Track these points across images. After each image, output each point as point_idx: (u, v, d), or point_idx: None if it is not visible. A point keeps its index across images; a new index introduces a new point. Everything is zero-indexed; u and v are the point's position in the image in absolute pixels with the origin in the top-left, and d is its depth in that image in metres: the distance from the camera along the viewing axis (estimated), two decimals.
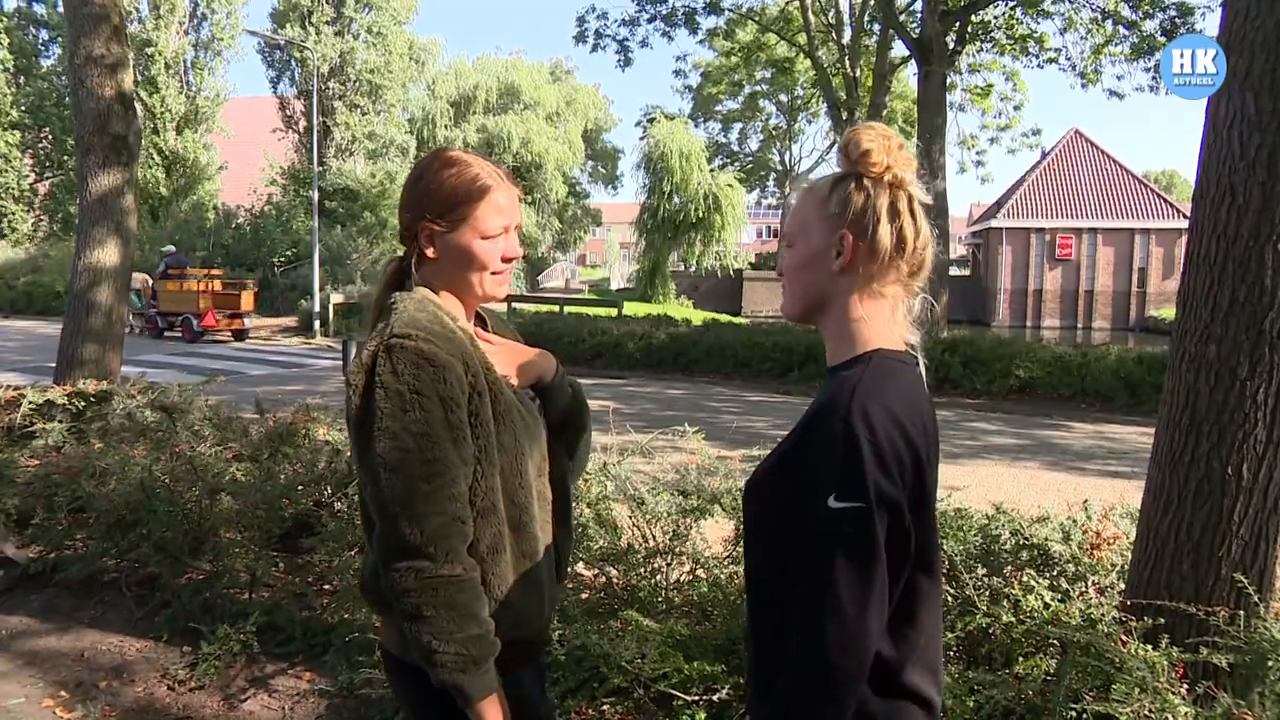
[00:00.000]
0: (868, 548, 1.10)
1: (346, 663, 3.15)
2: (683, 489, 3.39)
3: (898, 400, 1.17)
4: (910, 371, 1.26)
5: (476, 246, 1.47)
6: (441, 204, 1.46)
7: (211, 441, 4.55)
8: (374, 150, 30.59)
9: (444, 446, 1.34)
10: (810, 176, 37.80)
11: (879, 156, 1.24)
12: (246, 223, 27.99)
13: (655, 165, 34.54)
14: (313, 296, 20.00)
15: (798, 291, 1.31)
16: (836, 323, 1.28)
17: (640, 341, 14.66)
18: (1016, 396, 11.82)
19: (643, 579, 3.22)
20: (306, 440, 4.68)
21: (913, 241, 1.27)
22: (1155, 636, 2.35)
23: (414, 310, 1.40)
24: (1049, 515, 3.13)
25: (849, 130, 1.28)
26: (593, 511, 3.38)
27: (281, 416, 4.98)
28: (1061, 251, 38.59)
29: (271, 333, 20.52)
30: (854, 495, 1.10)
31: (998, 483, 7.24)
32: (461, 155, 1.50)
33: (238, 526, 3.84)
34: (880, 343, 1.25)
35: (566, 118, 41.91)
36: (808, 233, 1.29)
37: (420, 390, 1.33)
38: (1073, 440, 9.51)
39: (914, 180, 1.27)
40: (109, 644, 3.63)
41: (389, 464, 1.32)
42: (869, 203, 1.25)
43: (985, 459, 8.38)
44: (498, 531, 1.42)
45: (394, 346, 1.34)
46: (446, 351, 1.36)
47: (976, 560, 2.86)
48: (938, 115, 14.64)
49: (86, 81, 6.32)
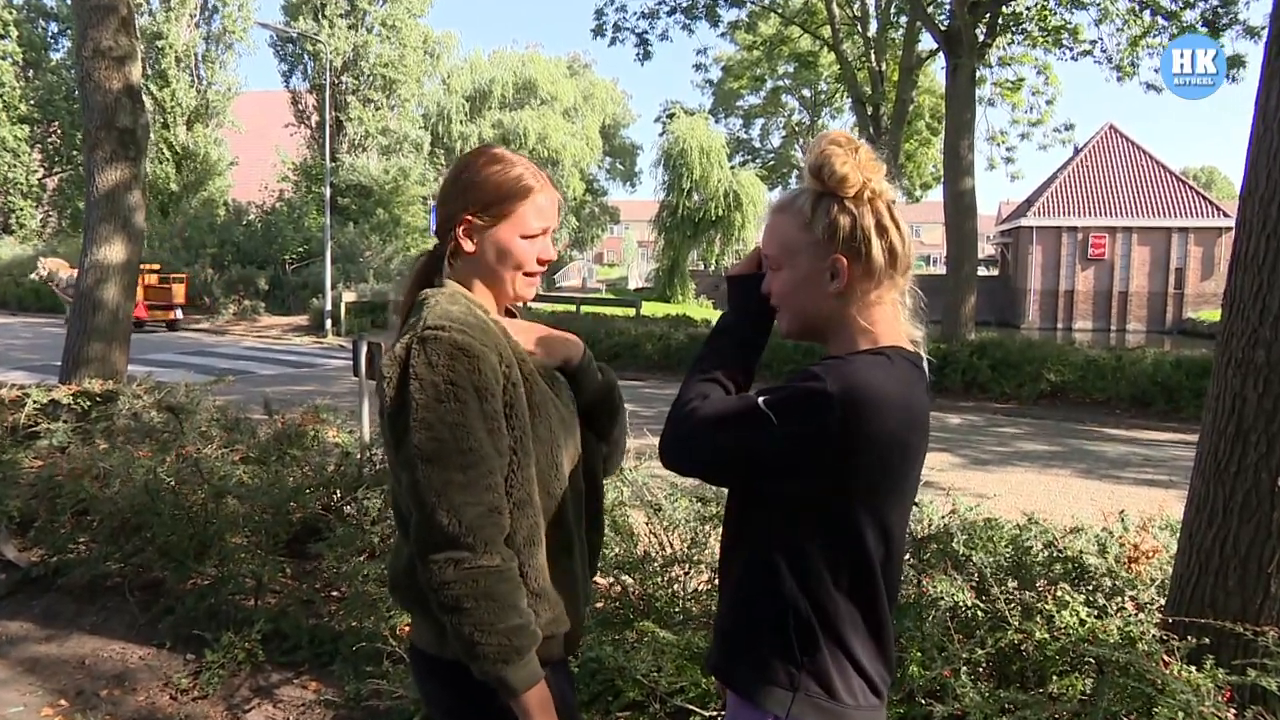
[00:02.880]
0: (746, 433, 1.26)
1: (354, 672, 3.13)
2: (701, 495, 3.38)
3: (893, 389, 1.24)
4: (919, 373, 1.32)
5: (515, 245, 1.51)
6: (485, 199, 1.50)
7: (218, 443, 4.56)
8: (388, 146, 30.68)
9: (479, 437, 1.37)
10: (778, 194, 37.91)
11: (855, 176, 1.29)
12: (258, 219, 28.13)
13: (674, 162, 34.54)
14: (324, 295, 20.14)
15: (794, 314, 1.37)
16: (839, 335, 1.34)
17: (659, 342, 14.68)
18: (1047, 401, 11.71)
19: (659, 588, 3.19)
20: (316, 442, 4.68)
21: (903, 250, 1.32)
22: (1200, 657, 2.29)
23: (446, 303, 1.44)
24: (1083, 526, 3.08)
25: (816, 150, 1.31)
26: (609, 518, 3.36)
27: (290, 417, 4.99)
28: (1094, 251, 38.19)
29: (283, 331, 20.66)
30: (774, 408, 1.23)
31: (1028, 491, 7.17)
32: (507, 154, 1.54)
33: (244, 531, 3.84)
34: (890, 340, 1.31)
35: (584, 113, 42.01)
36: (795, 257, 1.34)
37: (455, 381, 1.36)
38: (1107, 447, 9.40)
39: (887, 186, 1.31)
40: (111, 651, 3.64)
41: (425, 455, 1.35)
42: (856, 225, 1.30)
43: (1015, 466, 8.31)
44: (534, 523, 1.45)
45: (428, 338, 1.37)
46: (481, 343, 1.40)
47: (1007, 573, 2.80)
48: (966, 110, 14.50)
49: (94, 74, 6.36)
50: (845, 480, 1.25)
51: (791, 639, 1.29)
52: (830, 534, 1.28)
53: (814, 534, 1.28)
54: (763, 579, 1.32)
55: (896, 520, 1.31)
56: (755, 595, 1.33)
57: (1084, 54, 16.26)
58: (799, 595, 1.29)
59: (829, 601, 1.29)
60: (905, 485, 1.31)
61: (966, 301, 14.24)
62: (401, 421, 1.38)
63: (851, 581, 1.29)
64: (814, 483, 1.26)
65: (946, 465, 8.03)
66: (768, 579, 1.31)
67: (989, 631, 2.54)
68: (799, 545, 1.29)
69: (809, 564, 1.28)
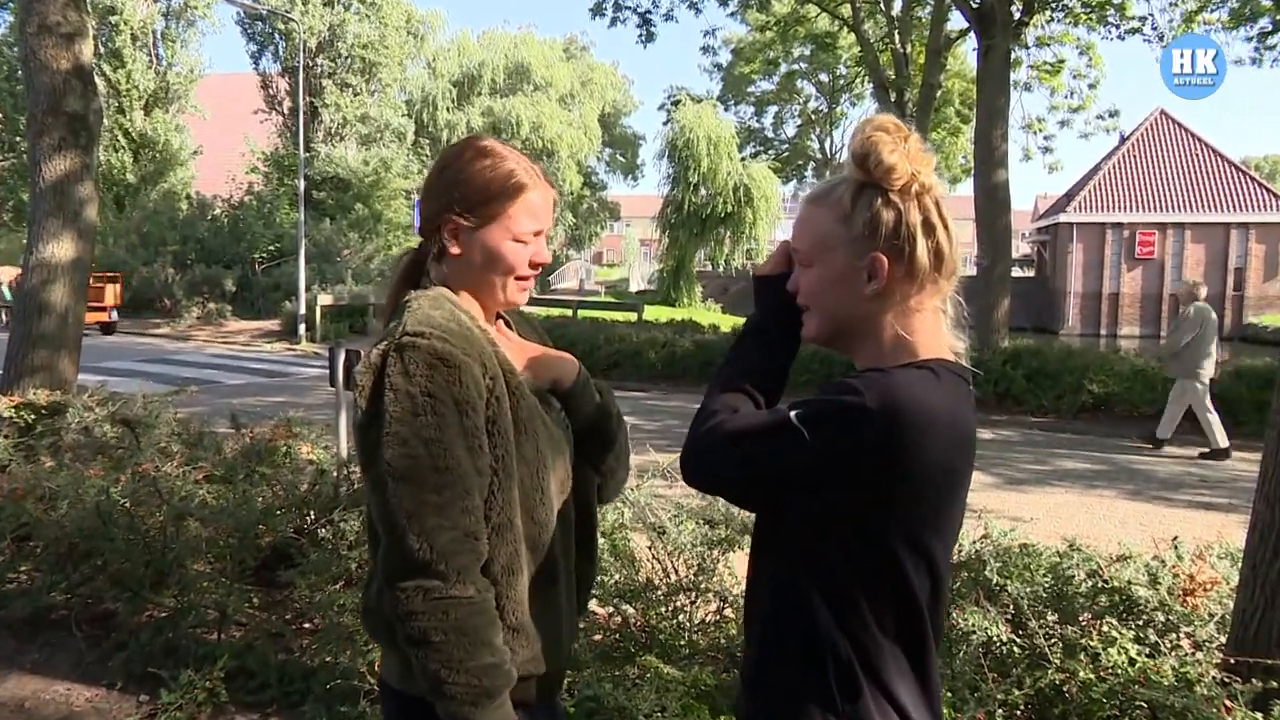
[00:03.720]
0: (776, 449, 1.23)
1: (327, 712, 3.12)
2: (709, 517, 3.37)
3: (940, 407, 1.22)
4: (966, 389, 1.29)
5: (506, 248, 1.52)
6: (472, 197, 1.50)
7: (179, 460, 4.55)
8: (367, 135, 30.85)
9: (457, 455, 1.37)
10: (814, 183, 38.01)
11: (903, 167, 1.26)
12: (224, 214, 28.24)
13: (680, 153, 34.66)
14: (298, 297, 20.16)
15: (824, 316, 1.35)
16: (874, 343, 1.32)
17: (663, 350, 14.66)
18: (1090, 415, 11.69)
19: (663, 619, 3.18)
20: (287, 459, 4.68)
21: (950, 253, 1.30)
22: (1266, 702, 2.27)
23: (428, 308, 1.45)
24: (1132, 553, 3.06)
25: (861, 136, 1.29)
26: (608, 542, 3.37)
27: (260, 431, 4.99)
28: (1142, 249, 38.17)
29: (251, 337, 20.71)
30: (806, 422, 1.21)
31: (1069, 514, 7.15)
32: (498, 147, 1.54)
33: (207, 557, 3.83)
34: (932, 353, 1.29)
35: (581, 100, 42.23)
36: (830, 253, 1.32)
37: (433, 393, 1.36)
38: (1157, 465, 9.38)
39: (936, 180, 1.30)
40: (54, 692, 3.61)
41: (397, 472, 1.35)
42: (901, 221, 1.27)
43: (1054, 486, 8.29)
44: (514, 551, 1.44)
45: (406, 345, 1.38)
46: (463, 351, 1.40)
47: (1047, 605, 2.79)
48: (1000, 96, 14.52)
49: (39, 53, 6.35)
50: (883, 507, 1.23)
51: (831, 683, 1.26)
52: (869, 567, 1.25)
53: (851, 567, 1.26)
54: (796, 616, 1.29)
55: (941, 553, 1.29)
56: (788, 633, 1.30)
57: (1132, 32, 16.28)
58: (838, 634, 1.26)
59: (871, 642, 1.26)
60: (950, 515, 1.29)
61: (999, 305, 14.22)
62: (373, 435, 1.38)
63: (895, 620, 1.27)
64: (849, 508, 1.24)
65: (978, 485, 7.90)
66: (802, 616, 1.28)
67: (1027, 670, 2.51)
68: (835, 579, 1.26)
69: (848, 599, 1.26)
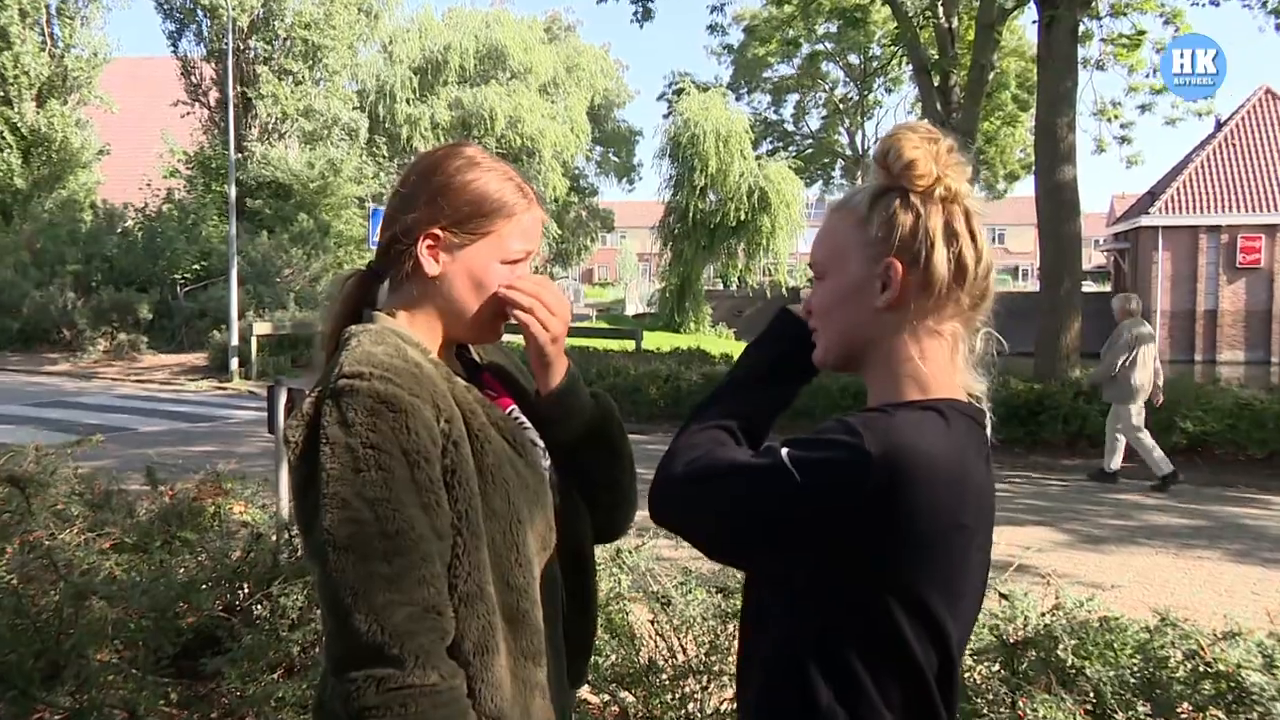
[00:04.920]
0: (763, 496, 1.29)
1: None
2: (723, 584, 3.37)
3: (948, 457, 1.28)
4: (979, 433, 1.38)
5: (493, 271, 1.57)
6: (462, 210, 1.56)
7: (81, 526, 4.53)
8: (312, 132, 30.88)
9: (410, 514, 1.38)
10: (844, 186, 38.23)
11: (926, 166, 1.35)
12: (137, 226, 28.25)
13: (684, 151, 34.89)
14: (229, 326, 20.18)
15: (834, 334, 1.44)
16: (883, 368, 1.40)
17: (666, 385, 14.70)
18: (1184, 458, 11.65)
19: (669, 709, 3.17)
20: (216, 521, 4.66)
21: (974, 267, 1.38)
22: None
23: (369, 344, 1.46)
24: (1241, 629, 3.03)
25: (886, 135, 1.41)
26: (602, 615, 3.35)
27: (182, 489, 4.97)
28: (1245, 257, 38.16)
29: (172, 374, 20.71)
30: (799, 466, 1.27)
31: (1161, 579, 7.13)
32: (490, 158, 1.63)
33: (113, 644, 3.80)
34: (944, 391, 1.37)
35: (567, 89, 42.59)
36: (843, 262, 1.42)
37: (377, 444, 1.38)
38: (1270, 521, 9.35)
39: (969, 192, 1.39)
40: None
41: (338, 540, 1.35)
42: (919, 224, 1.36)
43: (1141, 545, 8.26)
44: (487, 625, 1.45)
45: (342, 390, 1.40)
46: (410, 392, 1.42)
47: (1135, 693, 2.77)
48: (1065, 77, 14.59)
49: None
50: (882, 566, 1.28)
51: None
52: (868, 634, 1.31)
53: (849, 632, 1.31)
54: (791, 688, 1.34)
55: (952, 624, 1.33)
56: (783, 708, 1.35)
57: None
58: (838, 711, 1.31)
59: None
60: (963, 579, 1.35)
61: (1068, 327, 14.23)
62: (309, 498, 1.39)
63: (902, 697, 1.31)
64: (844, 566, 1.29)
65: (1046, 543, 7.97)
66: (800, 693, 1.33)
67: None
68: (832, 646, 1.32)
69: (848, 671, 1.31)
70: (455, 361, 1.66)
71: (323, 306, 20.08)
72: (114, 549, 4.38)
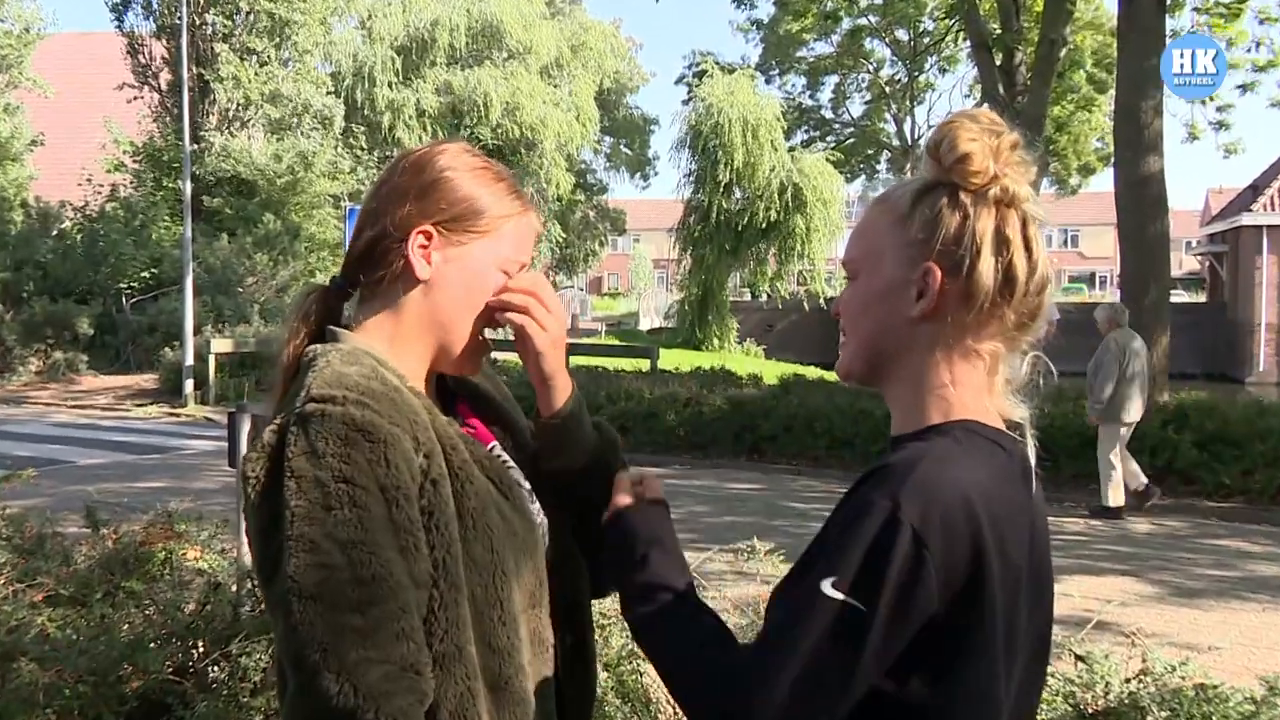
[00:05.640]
0: (846, 653, 1.23)
1: None
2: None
3: (985, 492, 1.29)
4: (1006, 459, 1.38)
5: (490, 279, 1.59)
6: (461, 207, 1.58)
7: (9, 575, 4.53)
8: (279, 120, 30.88)
9: (387, 559, 1.37)
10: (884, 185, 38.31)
11: (983, 161, 1.36)
12: (76, 228, 28.25)
13: (706, 142, 35.01)
14: (183, 343, 20.30)
15: (861, 342, 1.46)
16: (909, 386, 1.42)
17: (685, 410, 14.74)
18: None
19: None
20: (167, 569, 4.66)
21: (1025, 281, 1.38)
22: None
23: (339, 364, 1.46)
24: None
25: (943, 122, 1.42)
26: (612, 676, 3.36)
27: (128, 531, 4.96)
28: None
29: (116, 399, 20.82)
30: (859, 595, 1.22)
31: (1270, 641, 7.09)
32: (481, 155, 1.67)
33: (45, 712, 3.79)
34: (969, 414, 1.38)
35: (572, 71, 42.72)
36: (877, 262, 1.44)
37: (351, 478, 1.37)
38: None
39: (1030, 195, 1.39)
40: None
41: (305, 589, 1.34)
42: (966, 226, 1.37)
43: (1246, 600, 8.23)
44: (465, 692, 1.44)
45: (311, 416, 1.39)
46: (389, 420, 1.41)
47: None
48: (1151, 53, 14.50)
49: None
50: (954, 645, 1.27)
51: None
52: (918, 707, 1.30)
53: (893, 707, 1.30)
54: None
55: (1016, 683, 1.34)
56: None
57: None
58: None
59: None
60: (1015, 636, 1.34)
61: (1155, 343, 14.14)
62: (274, 543, 1.38)
63: None
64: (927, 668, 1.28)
65: (1131, 597, 7.95)
66: None
67: None
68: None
69: None
70: (432, 391, 1.66)
71: (283, 323, 20.55)
72: (47, 602, 4.38)
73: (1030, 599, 1.35)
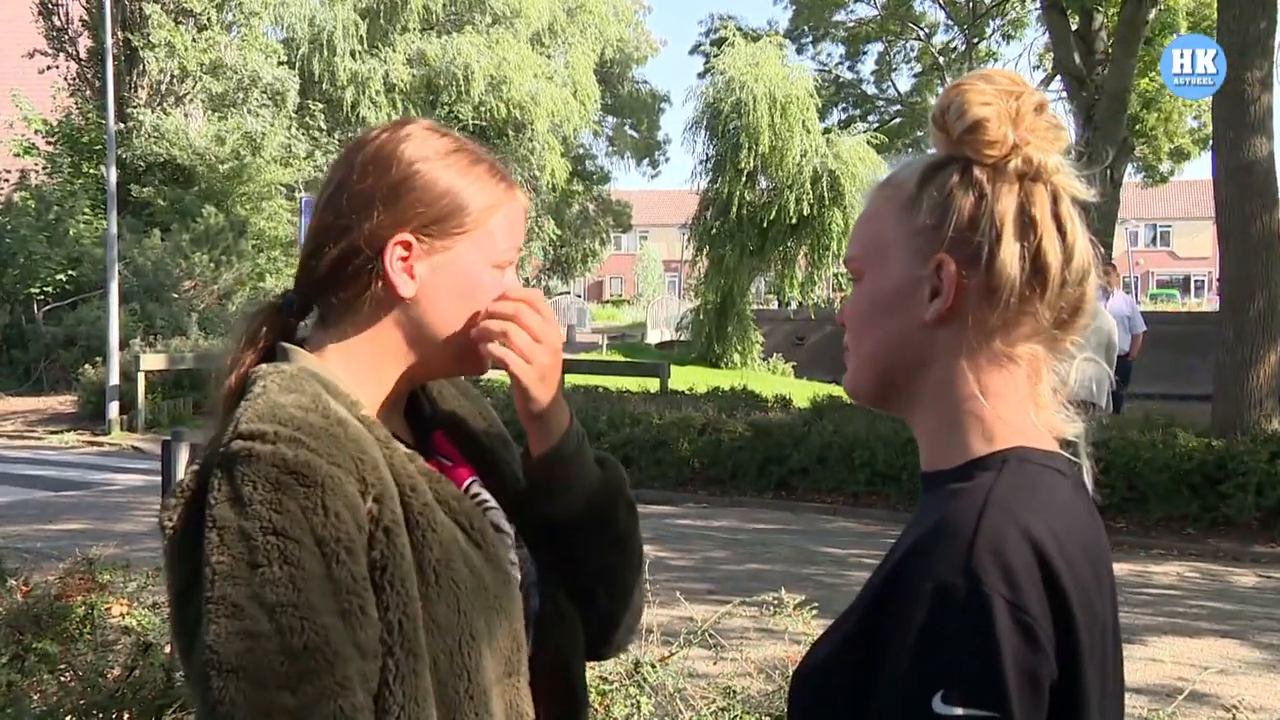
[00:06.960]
0: None
1: None
2: (776, 712, 3.37)
3: (1056, 534, 1.25)
4: (1071, 491, 1.35)
5: (485, 279, 1.60)
6: (436, 208, 1.57)
7: None
8: (222, 95, 30.96)
9: (324, 624, 1.36)
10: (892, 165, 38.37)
11: (999, 129, 1.33)
12: None
13: (726, 123, 34.99)
14: (107, 359, 20.33)
15: (868, 354, 1.43)
16: (934, 406, 1.39)
17: (701, 438, 14.76)
18: None
19: None
20: (88, 627, 4.67)
21: (1059, 269, 1.35)
22: None
23: (277, 392, 1.46)
24: None
25: (949, 86, 1.39)
26: None
27: (41, 582, 4.97)
28: None
29: (25, 424, 20.88)
30: (982, 700, 1.17)
31: None
32: (449, 133, 1.66)
33: None
34: (1017, 438, 1.34)
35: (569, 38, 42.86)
36: (883, 257, 1.41)
37: (282, 529, 1.36)
38: None
39: (1060, 166, 1.36)
40: None
41: (226, 661, 1.33)
42: (983, 207, 1.34)
43: None
44: None
45: (236, 456, 1.38)
46: (329, 459, 1.41)
47: None
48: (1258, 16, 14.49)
49: None
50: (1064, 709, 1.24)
51: None
52: None
53: None
54: None
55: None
56: None
57: None
58: None
59: None
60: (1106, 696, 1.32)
61: (1260, 361, 14.08)
62: (193, 606, 1.38)
63: None
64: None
65: (1232, 662, 7.90)
66: None
67: None
68: None
69: None
70: (400, 419, 1.65)
71: (225, 346, 20.71)
72: None
73: (1115, 650, 1.34)
